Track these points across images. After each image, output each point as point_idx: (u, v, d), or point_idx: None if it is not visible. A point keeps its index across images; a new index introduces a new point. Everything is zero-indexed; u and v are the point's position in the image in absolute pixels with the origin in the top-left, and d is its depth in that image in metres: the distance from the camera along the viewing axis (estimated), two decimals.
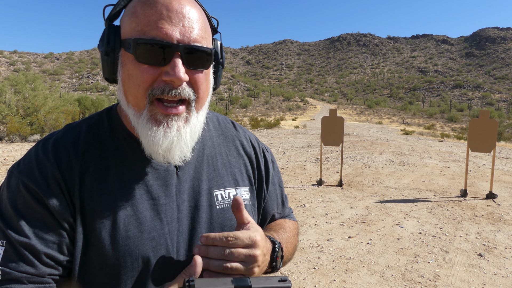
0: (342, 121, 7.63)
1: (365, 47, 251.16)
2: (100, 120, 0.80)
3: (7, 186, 0.71)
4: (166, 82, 0.68)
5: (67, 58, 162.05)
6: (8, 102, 15.86)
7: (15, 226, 0.67)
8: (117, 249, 0.70)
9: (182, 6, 0.69)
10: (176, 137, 0.71)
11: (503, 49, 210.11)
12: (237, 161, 0.90)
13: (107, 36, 0.71)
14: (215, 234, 0.67)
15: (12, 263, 0.65)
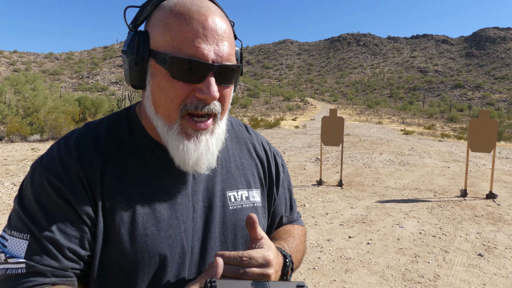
0: (342, 121, 7.63)
1: (365, 47, 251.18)
2: (119, 120, 0.82)
3: (31, 181, 0.72)
4: (199, 99, 0.71)
5: (67, 58, 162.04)
6: (8, 102, 15.86)
7: (39, 221, 0.69)
8: (135, 246, 0.72)
9: (216, 23, 0.70)
10: (204, 149, 0.74)
11: (503, 49, 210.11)
12: (249, 163, 0.92)
13: (138, 44, 0.71)
14: (230, 253, 0.68)
15: (36, 257, 0.67)
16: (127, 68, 0.74)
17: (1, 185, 6.83)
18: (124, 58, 0.75)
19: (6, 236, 0.70)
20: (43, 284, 0.67)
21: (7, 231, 0.71)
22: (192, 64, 0.68)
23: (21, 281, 0.66)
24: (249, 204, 0.87)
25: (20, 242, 0.68)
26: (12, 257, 0.68)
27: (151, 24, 0.73)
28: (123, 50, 0.75)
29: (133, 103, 0.86)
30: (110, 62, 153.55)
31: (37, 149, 11.28)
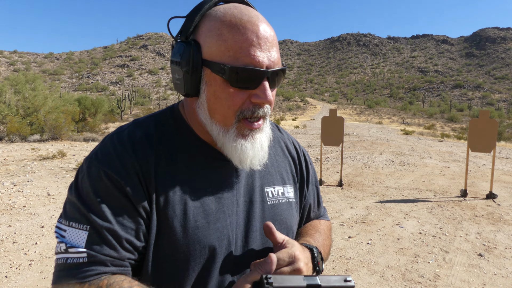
0: (342, 121, 7.63)
1: (365, 47, 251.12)
2: (166, 118, 0.86)
3: (88, 175, 0.75)
4: (255, 103, 0.75)
5: (67, 58, 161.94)
6: (8, 102, 15.86)
7: (98, 212, 0.72)
8: (187, 237, 0.76)
9: (266, 31, 0.74)
10: (259, 147, 0.80)
11: (503, 49, 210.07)
12: (283, 161, 0.97)
13: (192, 55, 0.74)
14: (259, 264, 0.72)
15: (97, 247, 0.70)
16: (180, 78, 0.77)
17: (1, 185, 6.83)
18: (175, 68, 0.78)
19: (64, 227, 0.73)
20: (103, 273, 0.70)
21: (65, 222, 0.73)
22: (249, 72, 0.72)
23: (83, 269, 0.69)
24: (284, 199, 0.92)
25: (79, 232, 0.71)
26: (73, 247, 0.70)
27: (202, 34, 0.75)
28: (174, 60, 0.77)
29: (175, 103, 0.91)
30: (110, 62, 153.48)
31: (37, 149, 11.28)
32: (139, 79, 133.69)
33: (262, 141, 0.81)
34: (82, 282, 0.69)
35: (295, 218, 0.95)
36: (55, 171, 8.21)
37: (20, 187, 6.72)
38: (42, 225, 4.88)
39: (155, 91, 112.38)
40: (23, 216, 5.23)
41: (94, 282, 0.69)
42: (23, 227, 4.78)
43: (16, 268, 3.67)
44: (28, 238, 4.44)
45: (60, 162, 9.28)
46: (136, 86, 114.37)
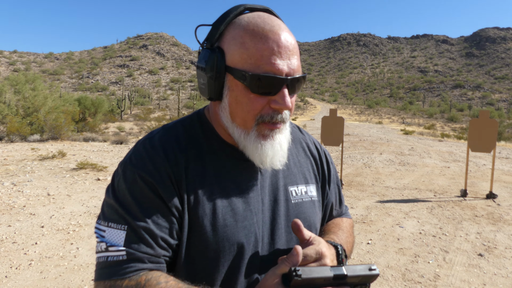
0: (342, 121, 7.63)
1: (365, 47, 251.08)
2: (193, 123, 0.91)
3: (124, 178, 0.80)
4: (274, 109, 0.79)
5: (67, 58, 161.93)
6: (8, 102, 15.85)
7: (134, 213, 0.77)
8: (217, 235, 0.80)
9: (287, 40, 0.78)
10: (278, 147, 0.83)
11: (503, 49, 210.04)
12: (305, 161, 1.01)
13: (216, 62, 0.79)
14: (286, 257, 0.75)
15: (135, 245, 0.75)
16: (205, 83, 0.82)
17: (1, 185, 6.83)
18: (200, 73, 0.83)
19: (103, 227, 0.78)
20: (141, 269, 0.75)
21: (103, 223, 0.79)
22: (269, 80, 0.75)
23: (122, 266, 0.74)
24: (307, 198, 0.95)
25: (118, 232, 0.76)
26: (113, 245, 0.76)
27: (226, 42, 0.80)
28: (199, 65, 0.83)
29: (200, 108, 0.97)
30: (110, 62, 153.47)
31: (37, 149, 11.28)
32: (139, 79, 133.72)
33: (281, 141, 0.84)
34: (123, 278, 0.74)
35: (318, 216, 0.98)
36: (55, 171, 8.21)
37: (20, 187, 6.72)
38: (42, 225, 4.88)
39: (155, 91, 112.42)
40: (23, 216, 5.23)
41: (134, 278, 0.74)
42: (23, 227, 4.78)
43: (16, 268, 3.67)
44: (28, 238, 4.44)
45: (60, 162, 9.28)
46: (136, 86, 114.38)
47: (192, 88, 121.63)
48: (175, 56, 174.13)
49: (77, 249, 4.17)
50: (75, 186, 6.96)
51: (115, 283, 0.74)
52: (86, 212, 5.46)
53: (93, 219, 5.20)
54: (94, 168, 8.45)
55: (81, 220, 5.13)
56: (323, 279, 0.69)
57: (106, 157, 10.52)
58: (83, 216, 5.30)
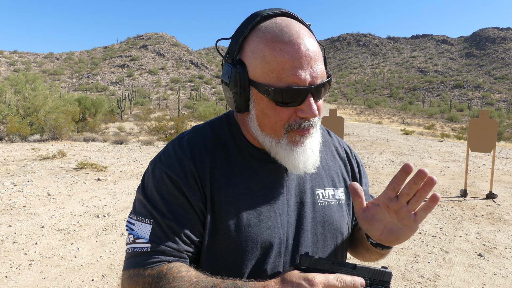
0: (342, 121, 7.63)
1: (365, 47, 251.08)
2: (221, 125, 0.93)
3: (152, 176, 0.85)
4: (301, 118, 0.80)
5: (67, 58, 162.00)
6: (8, 102, 15.85)
7: (160, 209, 0.81)
8: (240, 234, 0.82)
9: (308, 48, 0.77)
10: (310, 151, 0.84)
11: (503, 49, 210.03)
12: (333, 164, 1.01)
13: (239, 78, 0.80)
14: None
15: (159, 239, 0.80)
16: (231, 97, 0.84)
17: (1, 185, 6.83)
18: (225, 87, 0.86)
19: (132, 221, 0.84)
20: (164, 261, 0.79)
21: (133, 217, 0.84)
22: (293, 92, 0.76)
23: (146, 257, 0.79)
24: (335, 201, 0.95)
25: (145, 226, 0.81)
26: (139, 238, 0.81)
27: (246, 55, 0.80)
28: (224, 80, 0.85)
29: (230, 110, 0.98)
30: (110, 62, 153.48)
31: (37, 149, 11.28)
32: (139, 79, 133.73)
33: (313, 145, 0.85)
34: (145, 268, 0.78)
35: (345, 220, 0.97)
36: (55, 171, 8.21)
37: (20, 187, 6.72)
38: (42, 225, 4.88)
39: (155, 91, 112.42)
40: (23, 216, 5.23)
41: (156, 268, 0.78)
42: (23, 227, 4.78)
43: (16, 268, 3.67)
44: (28, 238, 4.44)
45: (60, 162, 9.28)
46: (136, 86, 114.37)
47: (192, 88, 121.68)
48: (175, 56, 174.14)
49: (77, 249, 4.17)
50: (75, 186, 6.96)
51: (138, 272, 0.79)
52: (86, 212, 5.46)
53: (93, 219, 5.20)
54: (94, 168, 8.46)
55: (81, 220, 5.13)
56: (332, 263, 0.72)
57: (106, 157, 10.52)
58: (83, 216, 5.31)
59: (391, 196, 0.76)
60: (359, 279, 0.70)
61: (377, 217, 0.79)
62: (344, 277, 0.69)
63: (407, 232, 0.77)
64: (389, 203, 0.77)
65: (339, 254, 0.95)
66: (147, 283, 0.77)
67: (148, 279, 0.77)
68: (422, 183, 0.74)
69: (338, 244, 0.94)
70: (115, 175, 8.09)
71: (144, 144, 14.34)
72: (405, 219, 0.77)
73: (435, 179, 0.73)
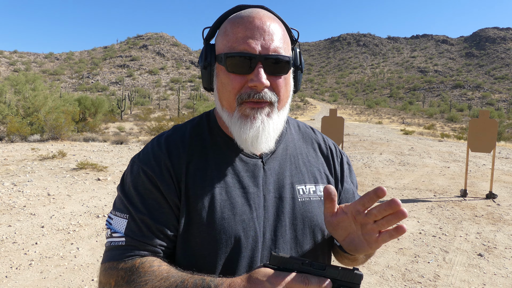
0: (342, 121, 7.63)
1: (365, 47, 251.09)
2: (201, 121, 0.96)
3: (130, 172, 0.88)
4: (251, 87, 0.81)
5: (67, 58, 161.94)
6: (8, 102, 15.86)
7: (136, 204, 0.84)
8: (214, 227, 0.83)
9: (263, 22, 0.82)
10: (261, 127, 0.83)
11: (503, 49, 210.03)
12: (315, 161, 1.01)
13: (205, 53, 0.88)
14: None
15: (133, 233, 0.82)
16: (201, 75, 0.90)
17: (1, 185, 6.83)
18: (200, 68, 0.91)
19: (112, 216, 0.87)
20: (138, 255, 0.82)
21: (113, 212, 0.87)
22: (241, 57, 0.80)
23: (121, 251, 0.82)
24: (316, 197, 0.95)
25: (121, 220, 0.84)
26: (116, 232, 0.84)
27: (217, 36, 0.89)
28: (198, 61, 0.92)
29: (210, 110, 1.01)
30: (110, 62, 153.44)
31: (37, 149, 11.28)
32: (139, 79, 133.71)
33: (266, 123, 0.84)
34: (119, 261, 0.81)
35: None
36: (55, 171, 8.21)
37: (20, 187, 6.72)
38: (42, 225, 4.89)
39: (155, 91, 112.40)
40: (23, 216, 5.23)
41: (129, 261, 0.80)
42: (23, 227, 4.78)
43: (16, 268, 3.67)
44: (28, 238, 4.44)
45: (60, 162, 9.28)
46: (136, 86, 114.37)
47: (192, 88, 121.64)
48: (175, 56, 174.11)
49: (77, 249, 4.17)
50: (75, 186, 6.96)
51: (113, 265, 0.81)
52: (86, 212, 5.46)
53: (93, 219, 5.20)
54: (94, 168, 8.46)
55: (81, 220, 5.13)
56: (301, 262, 0.70)
57: (106, 157, 10.52)
58: (83, 216, 5.31)
59: (360, 210, 0.77)
60: (326, 281, 0.69)
61: (342, 224, 0.78)
62: (311, 278, 0.69)
63: (367, 247, 0.77)
64: (357, 215, 0.77)
65: (319, 251, 0.93)
66: (120, 276, 0.79)
67: (121, 273, 0.79)
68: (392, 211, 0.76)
69: (318, 240, 0.93)
70: (115, 175, 8.09)
71: (144, 144, 14.35)
72: (368, 235, 0.77)
73: (406, 213, 0.76)
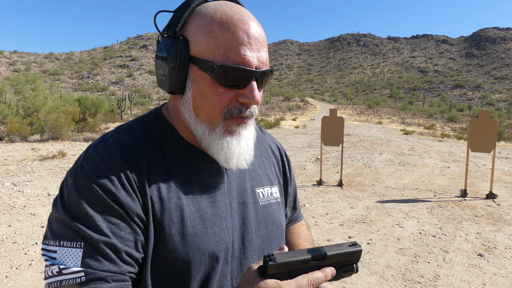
0: (342, 121, 7.63)
1: (365, 47, 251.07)
2: (151, 123, 0.82)
3: (75, 189, 0.69)
4: (242, 103, 0.74)
5: (67, 58, 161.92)
6: (8, 102, 15.86)
7: (92, 226, 0.67)
8: (186, 245, 0.73)
9: (257, 31, 0.73)
10: (245, 144, 0.79)
11: (503, 49, 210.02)
12: (268, 162, 0.98)
13: (179, 51, 0.72)
14: None
15: (95, 263, 0.65)
16: (165, 74, 0.75)
17: (1, 185, 6.83)
18: (160, 63, 0.76)
19: (53, 248, 0.67)
20: None
21: (54, 243, 0.67)
22: (239, 72, 0.70)
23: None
24: (273, 200, 0.92)
25: (73, 251, 0.66)
26: (67, 268, 0.65)
27: (190, 30, 0.73)
28: (160, 55, 0.75)
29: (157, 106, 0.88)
30: (110, 62, 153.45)
31: (37, 149, 11.28)
32: (139, 79, 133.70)
33: (248, 138, 0.79)
34: None
35: (283, 217, 0.96)
36: (55, 171, 8.22)
37: (20, 187, 6.72)
38: (42, 225, 4.89)
39: (155, 91, 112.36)
40: (23, 216, 5.23)
41: None
42: (23, 227, 4.78)
43: (17, 268, 3.67)
44: (28, 238, 4.44)
45: (60, 162, 9.28)
46: (136, 86, 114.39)
47: None
48: None
49: None
50: None
51: None
52: None
53: None
54: None
55: None
56: (301, 261, 0.63)
57: None
58: None
59: None
60: (330, 271, 0.65)
61: None
62: (316, 276, 0.63)
63: None
64: None
65: None
66: None
67: None
68: None
69: (281, 243, 0.91)
70: None
71: None
72: None
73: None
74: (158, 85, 0.79)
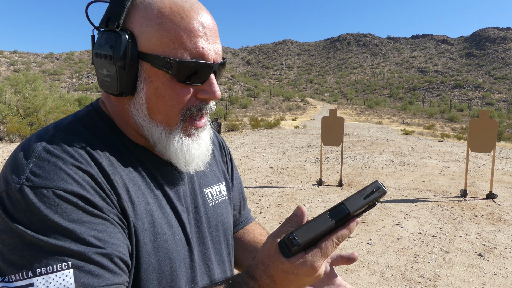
0: (342, 121, 7.63)
1: (365, 47, 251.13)
2: (95, 122, 0.71)
3: (42, 203, 0.55)
4: (201, 100, 0.69)
5: (67, 58, 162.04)
6: (8, 102, 15.86)
7: (77, 239, 0.56)
8: (158, 253, 0.67)
9: (210, 21, 0.68)
10: (204, 146, 0.74)
11: (503, 49, 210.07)
12: (213, 157, 0.92)
13: (126, 47, 0.64)
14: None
15: (94, 279, 0.55)
16: (112, 75, 0.66)
17: None
18: (103, 62, 0.66)
19: (24, 283, 0.53)
20: None
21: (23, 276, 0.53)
22: (199, 66, 0.65)
23: None
24: (222, 198, 0.87)
25: (59, 275, 0.53)
26: None
27: (136, 23, 0.65)
28: (102, 53, 0.66)
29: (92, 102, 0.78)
30: None
31: None
32: None
33: (207, 139, 0.76)
34: None
35: (231, 217, 0.91)
36: None
37: None
38: None
39: None
40: None
41: None
42: None
43: None
44: None
45: None
46: None
47: None
48: None
49: None
50: None
51: None
52: None
53: None
54: None
55: None
56: (326, 231, 0.59)
57: None
58: None
59: None
60: (354, 224, 0.61)
61: None
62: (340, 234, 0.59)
63: None
64: None
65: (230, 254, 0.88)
66: None
67: None
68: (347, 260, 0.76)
69: (230, 244, 0.87)
70: None
71: None
72: None
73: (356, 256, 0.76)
74: (101, 87, 0.69)
